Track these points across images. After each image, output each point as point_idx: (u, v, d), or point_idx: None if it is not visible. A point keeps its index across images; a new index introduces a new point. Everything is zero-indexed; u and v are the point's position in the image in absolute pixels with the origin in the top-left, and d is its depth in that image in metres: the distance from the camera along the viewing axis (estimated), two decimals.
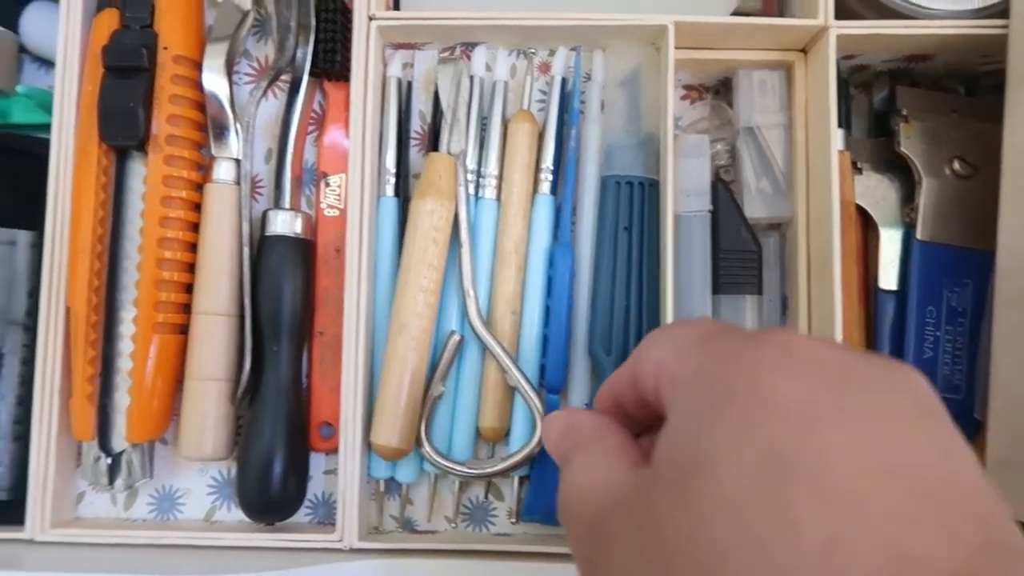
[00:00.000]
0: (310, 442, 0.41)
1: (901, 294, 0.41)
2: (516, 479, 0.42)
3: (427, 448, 0.40)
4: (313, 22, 0.40)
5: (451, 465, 0.40)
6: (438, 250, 0.39)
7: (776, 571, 0.16)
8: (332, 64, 0.40)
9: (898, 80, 0.43)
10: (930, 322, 0.41)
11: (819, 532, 0.16)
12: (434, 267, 0.39)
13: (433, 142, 0.43)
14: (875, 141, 0.43)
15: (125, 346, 0.40)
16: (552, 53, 0.44)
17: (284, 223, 0.40)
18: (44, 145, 0.41)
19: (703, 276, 0.42)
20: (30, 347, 0.41)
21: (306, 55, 0.40)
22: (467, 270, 0.40)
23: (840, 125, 0.41)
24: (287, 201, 0.41)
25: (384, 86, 0.42)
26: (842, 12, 0.39)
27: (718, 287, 0.42)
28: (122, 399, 0.40)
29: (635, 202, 0.42)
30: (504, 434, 0.42)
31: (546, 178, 0.42)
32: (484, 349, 0.41)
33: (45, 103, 0.43)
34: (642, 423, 0.26)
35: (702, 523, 0.17)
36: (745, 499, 0.17)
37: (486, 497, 0.43)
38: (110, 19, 0.40)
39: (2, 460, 0.41)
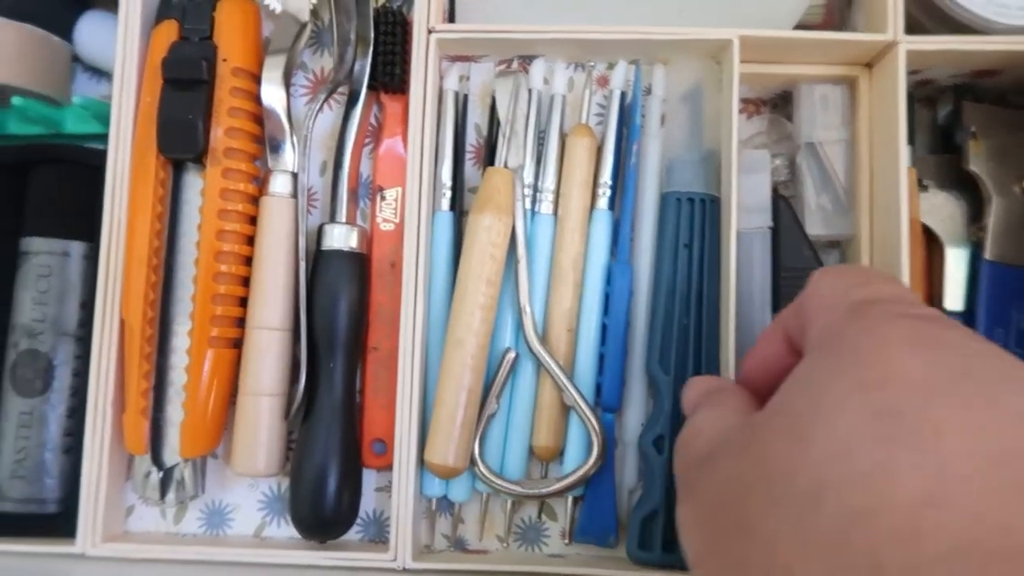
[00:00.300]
0: (362, 459, 0.41)
1: (967, 315, 0.40)
2: (570, 499, 0.41)
3: (480, 467, 0.39)
4: (372, 35, 0.40)
5: (505, 484, 0.40)
6: (495, 266, 0.39)
7: (867, 517, 0.17)
8: (391, 77, 0.40)
9: (962, 95, 0.42)
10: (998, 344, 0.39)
11: (916, 490, 0.17)
12: (491, 283, 0.39)
13: (489, 156, 0.42)
14: (940, 158, 0.42)
15: (179, 360, 0.39)
16: (611, 66, 0.43)
17: (340, 237, 0.40)
18: (98, 156, 0.41)
19: (762, 294, 0.41)
20: (82, 359, 0.41)
21: (365, 68, 0.40)
22: (524, 286, 0.40)
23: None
24: (343, 215, 0.40)
25: (441, 99, 0.42)
26: (908, 26, 0.39)
27: (778, 306, 0.41)
28: (175, 413, 0.39)
29: (696, 219, 0.41)
30: (558, 453, 0.41)
31: (604, 193, 0.42)
32: (539, 367, 0.40)
33: (100, 114, 0.42)
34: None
35: (808, 462, 0.19)
36: (854, 447, 0.18)
37: (539, 517, 0.42)
38: (169, 31, 0.40)
39: (52, 472, 0.40)
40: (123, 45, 0.40)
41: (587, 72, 0.44)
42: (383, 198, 0.41)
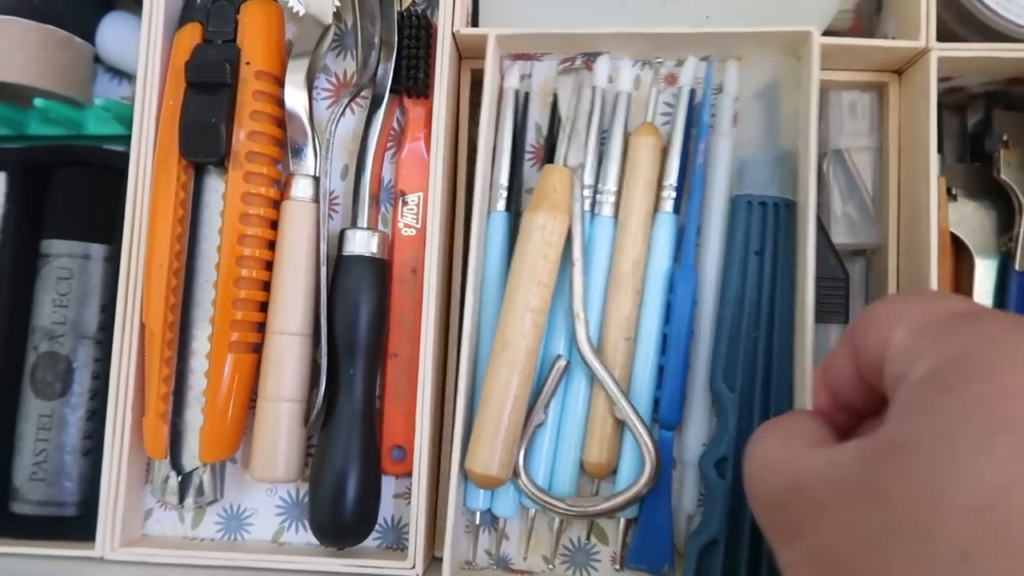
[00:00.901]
0: (382, 465, 0.40)
1: None
2: (623, 521, 0.39)
3: (524, 480, 0.38)
4: (396, 38, 0.40)
5: (551, 501, 0.38)
6: (548, 267, 0.37)
7: None
8: (415, 81, 0.39)
9: (993, 103, 0.42)
10: None
11: None
12: (543, 285, 0.37)
13: (549, 156, 0.41)
14: (970, 167, 0.41)
15: (199, 364, 0.39)
16: (680, 63, 0.41)
17: (361, 242, 0.39)
18: (120, 158, 0.41)
19: None
20: (101, 362, 0.41)
21: (388, 71, 0.40)
22: (578, 291, 0.38)
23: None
24: (364, 220, 0.40)
25: (500, 98, 0.41)
26: (939, 33, 0.38)
27: None
28: (194, 417, 0.39)
29: (768, 224, 0.39)
30: (611, 471, 0.39)
31: (669, 196, 0.40)
32: (592, 377, 0.39)
33: (121, 116, 0.42)
34: (853, 410, 0.25)
35: (949, 517, 0.16)
36: (1006, 500, 0.16)
37: (588, 538, 0.40)
38: (192, 33, 0.39)
39: (71, 475, 0.40)
40: (146, 47, 0.40)
41: (654, 69, 0.42)
42: (405, 203, 0.41)
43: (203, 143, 0.38)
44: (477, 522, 0.40)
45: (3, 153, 0.42)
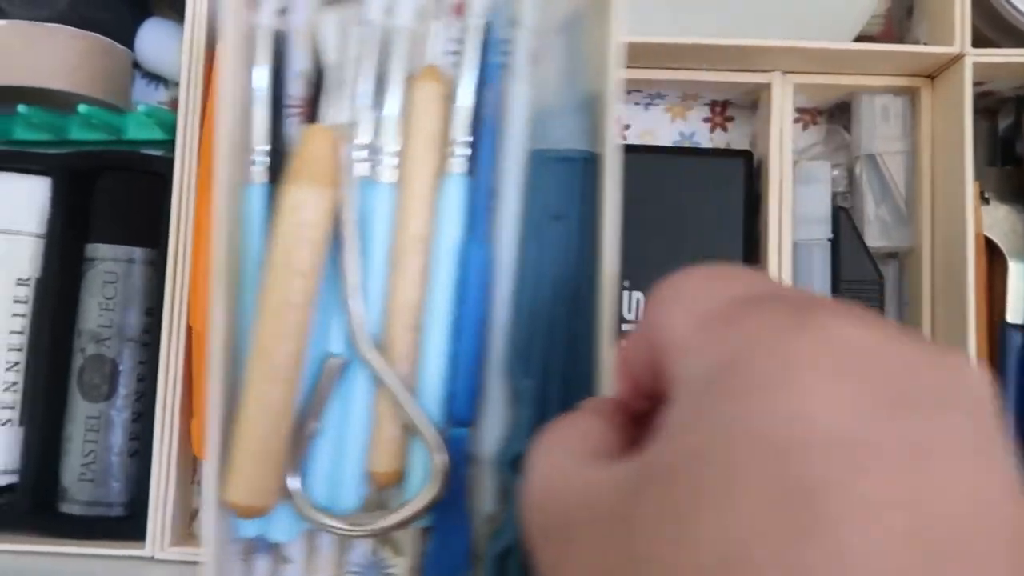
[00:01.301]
0: None
1: None
2: (415, 532, 0.34)
3: (299, 500, 0.32)
4: None
5: (329, 522, 0.32)
6: (310, 253, 0.31)
7: None
8: None
9: None
10: None
11: None
12: (304, 275, 0.31)
13: (314, 111, 0.34)
14: (1002, 170, 0.42)
15: None
16: None
17: None
18: (163, 163, 0.41)
19: None
20: (146, 364, 0.42)
21: None
22: (351, 278, 0.32)
23: None
24: None
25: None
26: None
27: None
28: None
29: (571, 184, 0.33)
30: (400, 479, 0.33)
31: (459, 154, 0.33)
32: (375, 376, 0.33)
33: (163, 121, 0.43)
34: (656, 397, 0.20)
35: (690, 553, 0.14)
36: (754, 546, 0.13)
37: (373, 554, 0.36)
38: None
39: (118, 476, 0.41)
40: (189, 53, 0.40)
41: None
42: None
43: None
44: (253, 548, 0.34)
45: (47, 158, 0.43)
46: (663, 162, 0.42)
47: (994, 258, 0.41)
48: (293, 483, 0.32)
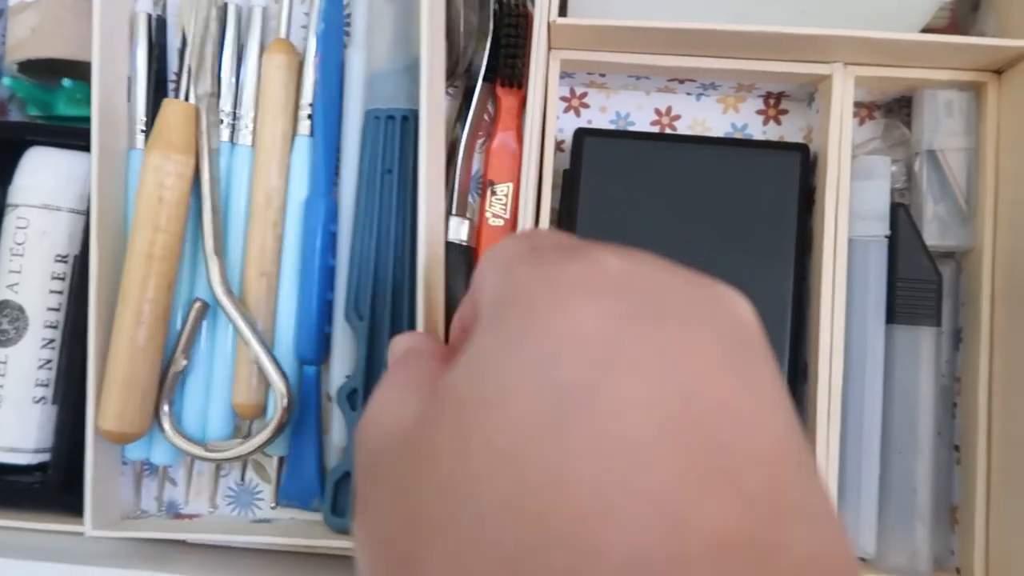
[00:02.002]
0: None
1: None
2: (276, 460, 0.39)
3: (167, 429, 0.38)
4: (491, 27, 0.39)
5: (190, 448, 0.37)
6: (167, 210, 0.36)
7: (537, 542, 0.13)
8: (512, 70, 0.39)
9: None
10: None
11: (593, 500, 0.13)
12: (162, 230, 0.36)
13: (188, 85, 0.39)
14: None
15: None
16: None
17: (452, 230, 0.39)
18: None
19: (877, 304, 0.40)
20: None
21: (482, 60, 0.39)
22: (208, 230, 0.37)
23: None
24: (456, 208, 0.40)
25: (131, 25, 0.39)
26: None
27: (893, 316, 0.40)
28: None
29: (398, 139, 0.37)
30: (262, 411, 0.38)
31: (307, 117, 0.38)
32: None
33: None
34: None
35: (471, 473, 0.14)
36: (521, 452, 0.14)
37: (242, 480, 0.41)
38: None
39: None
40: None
41: None
42: (493, 193, 0.40)
43: None
44: (140, 471, 0.41)
45: (88, 134, 0.42)
46: (717, 154, 0.41)
47: None
48: (163, 412, 0.37)
